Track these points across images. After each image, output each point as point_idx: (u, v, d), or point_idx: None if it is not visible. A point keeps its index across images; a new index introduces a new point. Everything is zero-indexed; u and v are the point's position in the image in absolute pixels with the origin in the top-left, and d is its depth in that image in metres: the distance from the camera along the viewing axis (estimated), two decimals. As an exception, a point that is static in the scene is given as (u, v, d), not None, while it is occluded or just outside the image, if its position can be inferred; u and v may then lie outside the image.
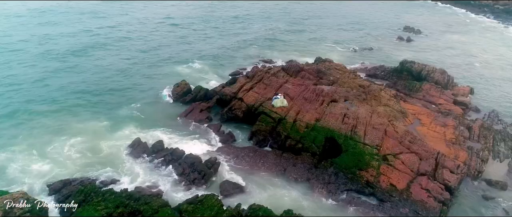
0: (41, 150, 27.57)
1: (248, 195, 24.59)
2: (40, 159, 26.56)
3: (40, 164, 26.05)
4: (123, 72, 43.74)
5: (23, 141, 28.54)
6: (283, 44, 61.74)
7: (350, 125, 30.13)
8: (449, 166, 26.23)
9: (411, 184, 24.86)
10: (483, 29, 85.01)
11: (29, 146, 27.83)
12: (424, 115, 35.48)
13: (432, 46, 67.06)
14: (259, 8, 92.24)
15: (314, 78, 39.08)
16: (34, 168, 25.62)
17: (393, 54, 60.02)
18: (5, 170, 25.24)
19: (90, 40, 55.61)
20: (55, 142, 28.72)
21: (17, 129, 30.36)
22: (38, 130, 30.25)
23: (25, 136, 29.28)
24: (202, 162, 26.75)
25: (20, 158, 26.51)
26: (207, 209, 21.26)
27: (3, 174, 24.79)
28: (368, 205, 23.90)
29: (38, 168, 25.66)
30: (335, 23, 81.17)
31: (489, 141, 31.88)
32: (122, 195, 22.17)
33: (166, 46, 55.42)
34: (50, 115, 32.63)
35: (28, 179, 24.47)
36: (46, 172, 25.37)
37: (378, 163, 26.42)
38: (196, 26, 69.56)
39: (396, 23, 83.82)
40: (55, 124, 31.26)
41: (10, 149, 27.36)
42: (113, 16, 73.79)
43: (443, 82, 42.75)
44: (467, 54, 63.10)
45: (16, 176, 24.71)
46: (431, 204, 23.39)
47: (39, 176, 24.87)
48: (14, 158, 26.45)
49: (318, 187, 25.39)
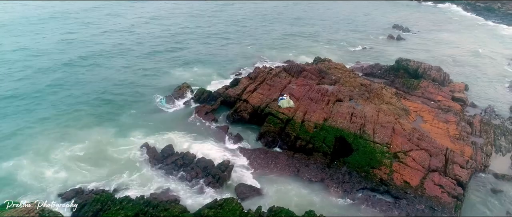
0: (46, 158, 26.74)
1: (265, 197, 24.49)
2: (48, 167, 25.74)
3: (48, 173, 25.24)
4: (122, 78, 42.68)
5: (27, 149, 27.61)
6: (279, 44, 61.76)
7: (358, 124, 30.43)
8: (459, 162, 26.85)
9: (424, 180, 25.31)
10: (468, 26, 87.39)
11: (35, 155, 26.94)
12: (426, 112, 36.19)
13: (422, 44, 68.47)
14: (252, 9, 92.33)
15: (316, 78, 39.28)
16: (43, 176, 24.82)
17: (385, 53, 60.95)
18: (12, 179, 24.41)
19: (83, 46, 54.12)
20: (59, 149, 27.88)
21: (20, 137, 29.37)
22: (42, 137, 29.31)
23: (28, 144, 28.32)
24: (214, 166, 26.50)
25: (27, 167, 25.66)
26: (229, 212, 21.03)
27: (11, 183, 23.91)
28: (384, 203, 24.16)
29: (46, 177, 24.85)
30: (325, 23, 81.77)
31: (491, 135, 32.79)
32: (139, 202, 21.72)
33: (162, 51, 54.36)
34: (52, 123, 31.68)
35: (37, 188, 23.69)
36: (55, 180, 24.58)
37: (390, 161, 26.78)
38: (190, 30, 68.77)
39: (384, 22, 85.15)
40: (58, 132, 30.32)
41: (16, 158, 26.51)
42: (104, 21, 72.27)
43: (439, 79, 43.72)
44: (456, 51, 64.70)
45: (24, 185, 23.88)
46: (445, 199, 23.86)
47: (49, 185, 24.09)
48: (20, 167, 25.59)
49: (333, 186, 25.52)
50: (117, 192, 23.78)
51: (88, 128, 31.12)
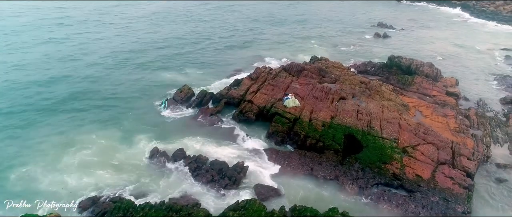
0: (56, 166, 26.07)
1: (283, 197, 24.57)
2: (59, 175, 25.12)
3: (60, 181, 24.59)
4: (120, 83, 41.81)
5: (35, 159, 26.80)
6: (272, 45, 62.15)
7: (365, 121, 31.05)
8: (465, 154, 27.88)
9: (435, 173, 26.11)
10: (447, 23, 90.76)
11: (45, 163, 26.23)
12: (424, 107, 37.31)
13: (407, 41, 70.53)
14: (240, 11, 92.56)
15: (316, 76, 39.74)
16: (55, 185, 24.21)
17: (374, 50, 62.38)
18: (25, 188, 23.74)
19: (77, 53, 52.61)
20: (67, 156, 27.19)
21: (26, 145, 28.44)
22: (47, 145, 28.43)
23: (36, 153, 27.48)
24: (229, 167, 26.39)
25: (39, 176, 24.98)
26: (254, 214, 21.02)
27: (24, 193, 23.03)
28: (400, 197, 24.75)
29: (59, 185, 24.19)
30: (314, 23, 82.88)
31: (488, 127, 34.20)
32: (162, 208, 21.43)
33: (156, 54, 53.58)
34: (55, 130, 30.73)
35: (51, 196, 22.89)
36: (68, 188, 23.92)
37: (400, 156, 27.48)
38: (182, 33, 67.97)
39: (369, 21, 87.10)
40: (63, 139, 29.46)
41: (25, 167, 25.75)
42: (92, 27, 70.43)
43: (432, 74, 45.15)
44: (439, 47, 67.00)
45: (38, 194, 23.08)
46: (457, 190, 24.71)
47: (62, 193, 23.42)
48: (32, 176, 24.91)
49: (348, 183, 25.91)
50: (136, 199, 23.27)
51: (92, 135, 30.29)
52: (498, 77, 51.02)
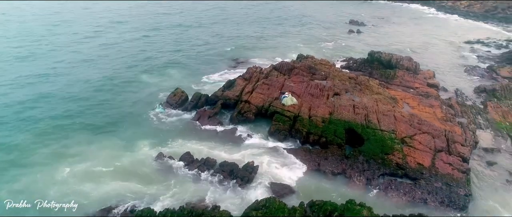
0: (62, 176, 24.92)
1: (297, 193, 24.98)
2: (68, 186, 24.10)
3: (70, 192, 23.56)
4: (107, 90, 40.76)
5: (38, 170, 25.56)
6: (254, 44, 62.59)
7: (362, 115, 32.20)
8: (459, 140, 29.73)
9: (435, 160, 27.64)
10: (413, 18, 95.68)
11: (50, 175, 25.03)
12: (410, 99, 39.19)
13: (379, 36, 73.61)
14: (216, 13, 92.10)
15: (307, 74, 40.55)
16: (65, 196, 23.10)
17: (351, 46, 64.63)
18: (37, 197, 22.50)
19: (49, 61, 50.04)
20: (72, 167, 26.01)
21: (26, 155, 27.27)
22: (47, 155, 27.11)
23: (37, 163, 26.34)
24: (240, 168, 26.43)
25: (47, 189, 23.73)
26: (276, 212, 21.18)
27: (36, 208, 21.81)
28: (406, 185, 25.95)
29: (69, 196, 23.05)
30: (290, 22, 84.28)
31: (470, 115, 36.61)
32: (183, 213, 21.07)
33: (136, 58, 52.29)
34: (55, 141, 29.37)
35: (64, 211, 21.81)
36: (80, 199, 22.86)
37: (400, 146, 28.81)
38: (160, 36, 66.64)
39: (340, 19, 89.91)
40: (65, 150, 28.17)
41: (25, 179, 24.37)
42: (62, 29, 67.10)
43: (412, 68, 47.51)
44: (410, 41, 70.48)
45: (49, 210, 21.90)
46: (457, 175, 26.34)
47: (73, 206, 22.28)
48: (40, 189, 23.64)
49: (356, 176, 26.77)
50: (145, 205, 22.73)
51: (93, 144, 29.22)
52: (468, 68, 54.57)
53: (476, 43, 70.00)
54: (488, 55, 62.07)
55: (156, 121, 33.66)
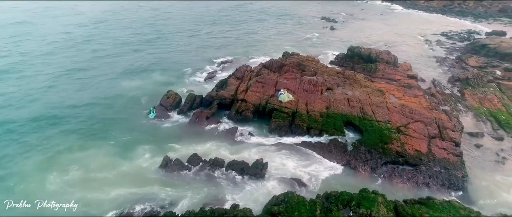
0: (67, 185, 23.92)
1: (308, 186, 25.58)
2: (77, 195, 23.03)
3: (79, 200, 22.55)
4: (94, 96, 39.08)
5: (38, 183, 24.22)
6: (232, 44, 62.48)
7: (357, 107, 33.44)
8: (449, 127, 31.71)
9: (430, 146, 29.34)
10: (382, 13, 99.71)
11: (53, 189, 23.73)
12: (395, 91, 41.08)
13: (352, 32, 76.08)
14: (188, 13, 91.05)
15: (297, 71, 41.32)
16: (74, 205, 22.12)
17: (328, 42, 66.47)
18: None
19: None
20: (77, 175, 24.93)
21: (22, 167, 25.84)
22: (45, 165, 25.87)
23: (36, 175, 24.95)
24: (250, 166, 26.59)
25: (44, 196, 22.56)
26: (297, 205, 21.63)
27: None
28: (408, 171, 27.36)
29: (78, 205, 22.17)
30: (263, 22, 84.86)
31: (451, 103, 39.08)
32: (206, 214, 20.97)
33: (113, 66, 50.50)
34: (46, 150, 27.78)
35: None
36: (93, 207, 22.04)
37: (397, 135, 30.26)
38: (130, 38, 64.77)
39: (313, 16, 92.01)
40: (65, 160, 26.90)
41: (25, 189, 23.38)
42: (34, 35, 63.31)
43: (391, 61, 49.70)
44: (380, 34, 73.57)
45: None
46: (452, 159, 28.15)
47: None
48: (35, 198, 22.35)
49: (360, 166, 27.85)
50: (164, 210, 22.39)
51: (89, 151, 28.18)
52: (439, 59, 57.97)
53: (441, 36, 74.35)
54: (454, 47, 66.17)
55: (152, 125, 32.96)
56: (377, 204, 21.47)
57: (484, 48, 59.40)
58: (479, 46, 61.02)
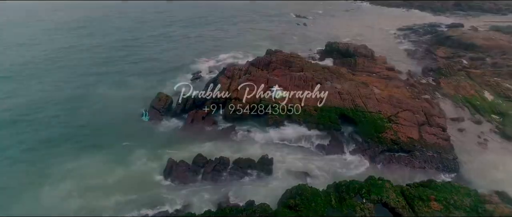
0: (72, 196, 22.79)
1: (315, 178, 26.29)
2: (85, 207, 22.06)
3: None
4: (82, 101, 37.47)
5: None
6: (211, 44, 62.14)
7: (349, 100, 34.67)
8: (435, 113, 33.75)
9: (421, 133, 31.12)
10: (347, 9, 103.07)
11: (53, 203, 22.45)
12: (377, 83, 42.86)
13: (324, 28, 78.23)
14: (158, 16, 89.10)
15: (285, 68, 41.97)
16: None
17: (303, 37, 67.92)
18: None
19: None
20: (81, 185, 23.85)
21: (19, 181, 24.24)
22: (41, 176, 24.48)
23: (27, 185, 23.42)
24: (256, 162, 26.88)
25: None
26: (314, 196, 22.22)
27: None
28: (404, 158, 28.90)
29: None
30: (236, 19, 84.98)
31: (431, 92, 41.52)
32: (225, 213, 21.00)
33: (86, 73, 48.52)
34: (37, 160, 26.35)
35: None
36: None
37: (389, 124, 31.78)
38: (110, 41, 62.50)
39: (285, 12, 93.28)
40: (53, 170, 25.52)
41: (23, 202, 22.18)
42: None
43: (369, 55, 51.75)
44: (350, 29, 76.19)
45: None
46: (442, 143, 30.07)
47: None
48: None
49: (360, 155, 29.04)
50: (181, 212, 22.16)
51: (83, 161, 27.12)
52: (409, 51, 61.18)
53: (406, 30, 78.34)
54: (420, 39, 70.04)
55: (147, 129, 32.29)
56: (385, 189, 22.57)
57: (448, 39, 63.36)
58: (443, 38, 65.04)
